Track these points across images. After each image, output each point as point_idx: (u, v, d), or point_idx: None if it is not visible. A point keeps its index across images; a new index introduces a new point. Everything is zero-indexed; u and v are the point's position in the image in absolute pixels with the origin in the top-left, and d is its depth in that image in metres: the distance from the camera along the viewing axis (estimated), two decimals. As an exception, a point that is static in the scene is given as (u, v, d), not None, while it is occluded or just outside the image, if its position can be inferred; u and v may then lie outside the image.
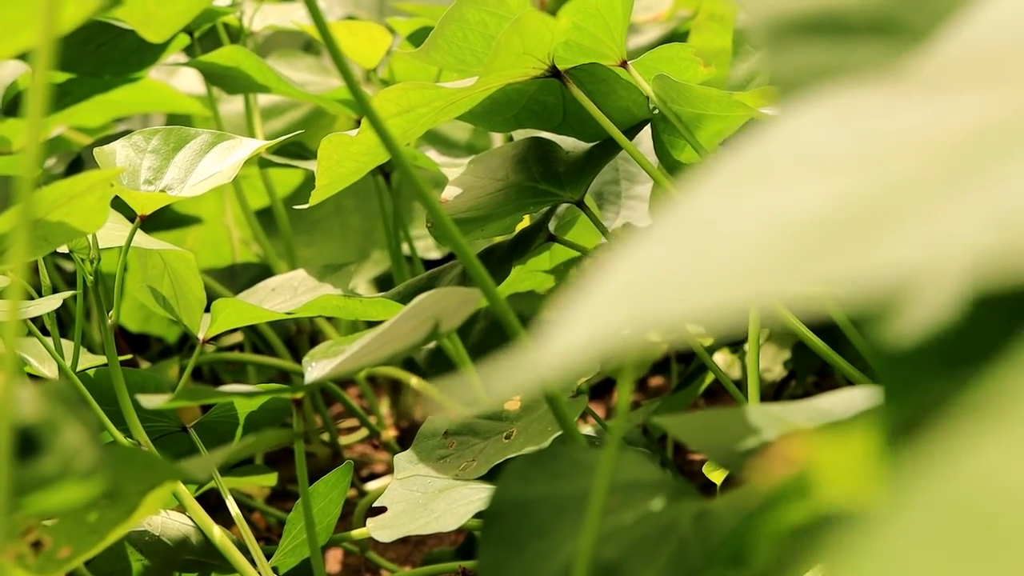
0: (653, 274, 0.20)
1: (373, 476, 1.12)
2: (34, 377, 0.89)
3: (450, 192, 0.88)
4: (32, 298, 0.91)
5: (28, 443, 0.36)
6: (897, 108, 0.23)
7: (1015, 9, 0.26)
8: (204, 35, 1.20)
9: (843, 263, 0.19)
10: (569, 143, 0.90)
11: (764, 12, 0.27)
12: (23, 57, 1.04)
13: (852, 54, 0.27)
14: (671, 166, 0.86)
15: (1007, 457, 0.16)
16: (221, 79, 1.11)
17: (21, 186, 0.39)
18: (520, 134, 0.93)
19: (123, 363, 0.89)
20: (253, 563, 0.74)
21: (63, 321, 1.14)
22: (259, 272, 1.19)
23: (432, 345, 0.93)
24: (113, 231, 0.87)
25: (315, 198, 0.85)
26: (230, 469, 0.97)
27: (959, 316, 0.29)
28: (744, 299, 0.19)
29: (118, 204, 0.88)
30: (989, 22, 0.26)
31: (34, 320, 0.89)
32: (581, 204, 0.86)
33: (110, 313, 0.90)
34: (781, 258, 0.19)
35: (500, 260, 0.88)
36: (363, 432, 1.18)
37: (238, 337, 1.28)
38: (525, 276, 0.97)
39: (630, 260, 0.21)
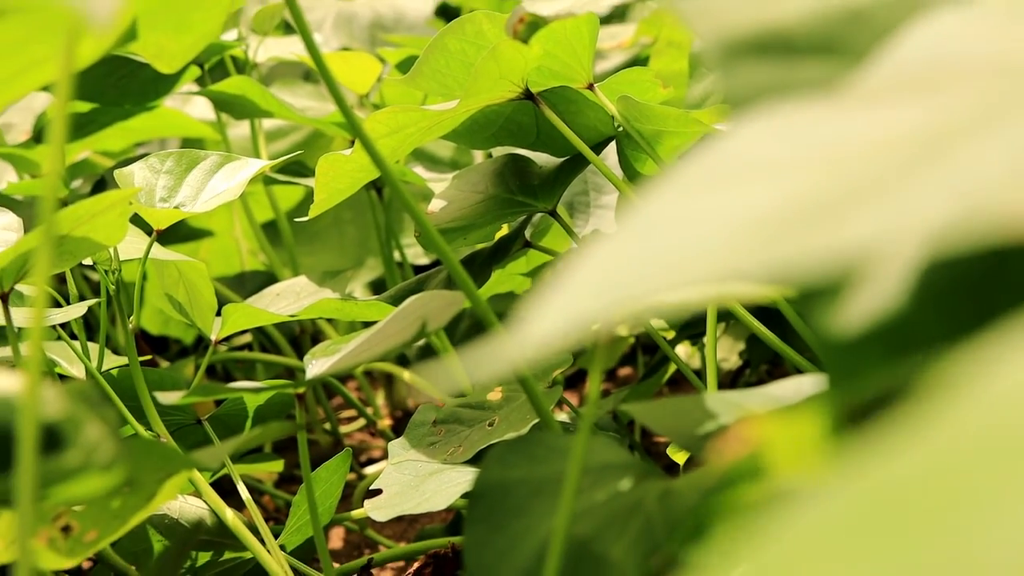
0: (618, 265, 0.20)
1: (371, 461, 1.11)
2: (63, 377, 0.88)
3: (436, 204, 0.88)
4: (61, 305, 0.91)
5: (53, 438, 0.35)
6: (836, 119, 0.23)
7: (942, 30, 0.26)
8: (213, 67, 1.20)
9: (783, 253, 0.19)
10: (542, 158, 0.89)
11: (717, 35, 0.27)
12: (49, 89, 1.03)
13: (797, 73, 0.27)
14: (634, 178, 0.86)
15: (923, 465, 0.15)
16: (229, 106, 1.10)
17: (44, 206, 0.38)
18: (498, 151, 0.93)
19: (143, 363, 0.89)
20: (263, 542, 0.73)
21: (90, 326, 1.13)
22: (265, 279, 1.19)
23: (422, 342, 0.93)
24: (132, 244, 0.86)
25: (314, 211, 0.85)
26: (241, 457, 0.96)
27: (891, 311, 0.28)
28: (698, 282, 0.19)
29: (137, 220, 0.87)
30: (919, 42, 0.26)
31: (63, 325, 0.88)
32: (554, 213, 0.86)
33: (131, 318, 0.90)
34: (732, 248, 0.19)
35: (482, 265, 0.88)
36: (361, 421, 1.17)
37: (247, 338, 1.28)
38: (504, 279, 0.97)
39: (596, 254, 0.20)
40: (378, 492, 0.77)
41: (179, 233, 1.22)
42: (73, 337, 0.88)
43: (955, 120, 0.21)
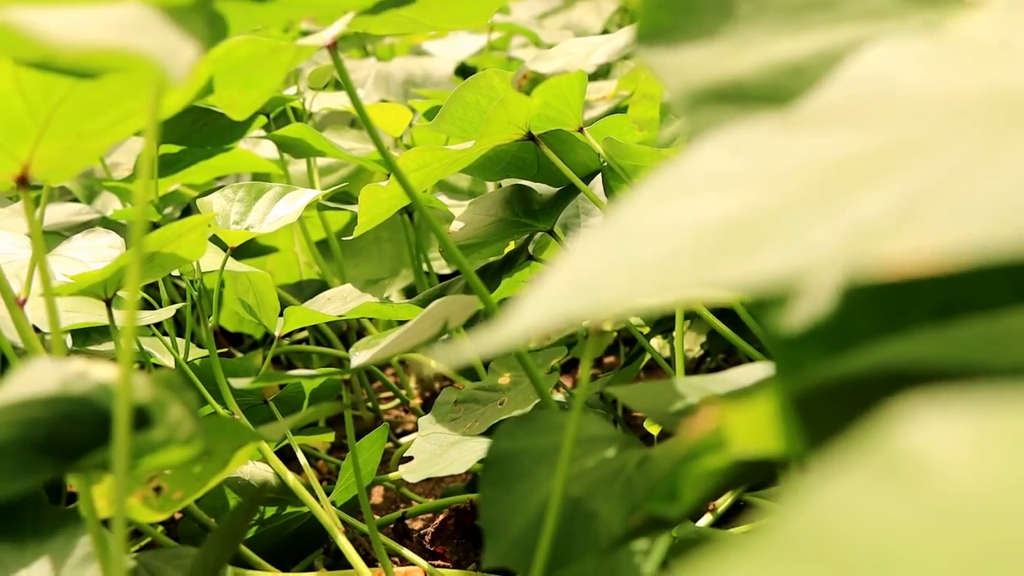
0: (589, 266, 0.19)
1: (405, 433, 1.10)
2: (157, 366, 0.88)
3: (455, 225, 0.88)
4: (155, 308, 0.90)
5: (143, 417, 0.35)
6: (777, 142, 0.22)
7: (864, 70, 0.25)
8: (277, 116, 1.19)
9: (734, 258, 0.18)
10: (542, 188, 0.89)
11: (684, 87, 0.26)
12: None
13: (749, 115, 0.26)
14: (616, 202, 0.86)
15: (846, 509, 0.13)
16: (290, 147, 1.10)
17: (135, 229, 0.38)
18: (506, 182, 0.92)
19: (221, 355, 0.88)
20: (317, 499, 0.73)
21: (179, 324, 1.13)
22: (319, 287, 1.19)
23: (445, 336, 0.92)
24: (212, 259, 0.86)
25: (358, 231, 0.84)
26: (299, 430, 0.95)
27: (831, 311, 0.28)
28: (660, 282, 0.18)
29: (216, 239, 0.87)
30: (846, 80, 0.25)
31: (157, 324, 0.88)
32: (552, 232, 0.86)
33: (211, 318, 0.89)
34: (689, 252, 0.19)
35: (493, 274, 0.87)
36: (396, 401, 1.17)
37: (305, 334, 1.27)
38: (512, 286, 0.96)
39: (571, 258, 0.20)
40: (410, 458, 0.76)
41: (250, 249, 1.21)
42: (165, 334, 0.87)
43: (867, 151, 0.21)
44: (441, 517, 0.84)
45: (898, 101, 0.24)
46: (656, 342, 1.05)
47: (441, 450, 0.76)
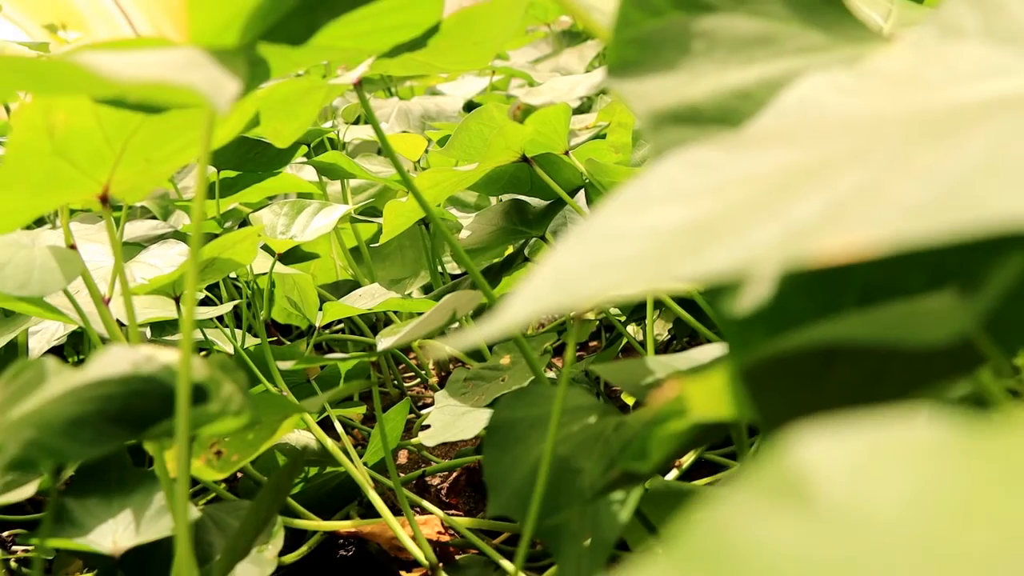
0: (568, 265, 0.19)
1: (424, 406, 1.10)
2: (218, 352, 0.87)
3: (464, 233, 0.87)
4: (215, 304, 0.90)
5: (200, 393, 0.34)
6: (725, 159, 0.22)
7: (797, 97, 0.25)
8: (316, 145, 1.19)
9: (690, 256, 0.18)
10: (535, 201, 0.89)
11: (648, 110, 0.26)
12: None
13: (704, 134, 0.26)
14: (596, 214, 0.85)
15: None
16: (327, 171, 1.09)
17: (192, 240, 0.38)
18: (505, 197, 0.92)
19: (272, 342, 0.88)
20: (352, 460, 0.72)
21: (238, 317, 1.12)
22: (352, 285, 1.18)
23: (455, 325, 0.91)
24: (264, 263, 0.86)
25: (383, 239, 0.84)
26: (336, 404, 0.95)
27: (773, 298, 0.27)
28: (626, 280, 0.18)
29: (266, 247, 0.87)
30: (783, 105, 0.25)
31: (219, 318, 0.87)
32: (543, 238, 0.85)
33: (263, 312, 0.89)
34: (653, 253, 0.18)
35: (495, 273, 0.87)
36: (417, 379, 1.16)
37: (341, 324, 1.26)
38: (511, 283, 0.96)
39: (553, 258, 0.19)
40: (428, 426, 0.76)
41: (295, 255, 1.21)
42: (226, 326, 0.87)
43: (800, 164, 0.20)
44: (454, 474, 0.84)
45: (826, 122, 0.23)
46: (631, 328, 1.04)
47: (454, 419, 0.75)
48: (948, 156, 0.18)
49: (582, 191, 0.87)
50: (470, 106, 1.58)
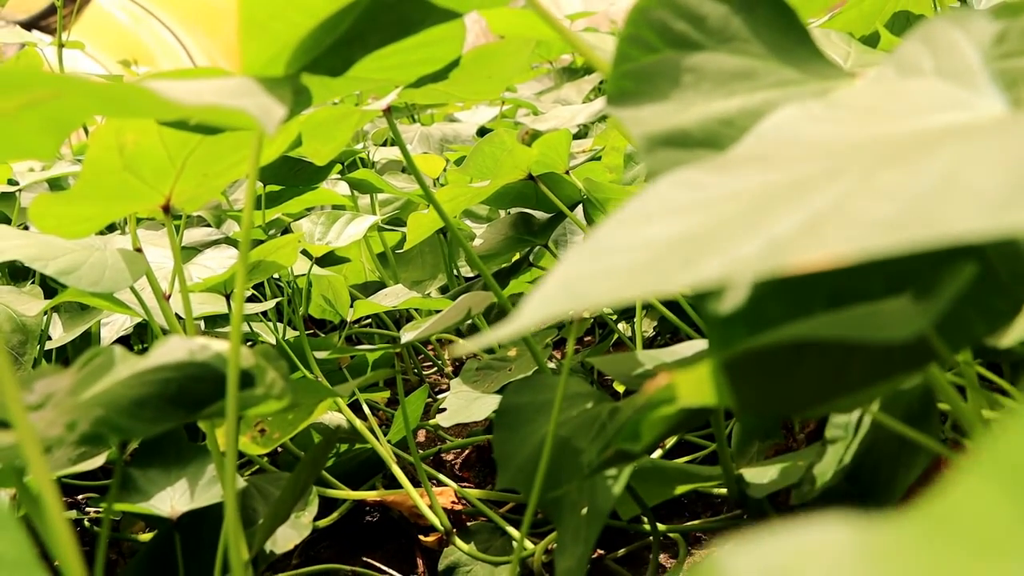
0: (575, 274, 0.18)
1: (441, 391, 1.10)
2: (263, 342, 0.87)
3: (477, 242, 0.87)
4: (260, 301, 0.90)
5: (247, 379, 0.34)
6: (713, 179, 0.21)
7: (775, 125, 0.24)
8: (349, 164, 1.19)
9: (682, 266, 0.18)
10: (539, 214, 0.88)
11: (642, 135, 0.25)
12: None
13: (692, 157, 0.25)
14: (593, 225, 0.85)
15: None
16: (358, 186, 1.09)
17: (241, 246, 0.37)
18: (514, 210, 0.92)
19: (309, 335, 0.88)
20: (378, 439, 0.72)
21: (280, 312, 1.12)
22: (379, 286, 1.18)
23: (469, 321, 0.91)
24: (303, 266, 0.86)
25: (407, 246, 0.84)
26: (364, 389, 0.95)
27: (750, 301, 0.27)
28: (627, 287, 0.17)
29: (305, 252, 0.86)
30: (762, 132, 0.24)
31: (264, 313, 0.87)
32: (546, 246, 0.85)
33: (301, 309, 0.89)
34: (652, 263, 0.18)
35: (504, 276, 0.87)
36: (435, 368, 1.16)
37: (369, 320, 1.26)
38: (518, 285, 0.96)
39: (561, 268, 0.19)
40: (444, 410, 0.76)
41: (330, 259, 1.20)
42: (268, 320, 0.87)
43: (778, 184, 0.20)
44: (467, 452, 0.84)
45: (801, 146, 0.23)
46: (622, 325, 1.04)
47: (467, 403, 0.75)
48: (910, 177, 0.18)
49: (580, 206, 0.87)
50: (483, 131, 1.58)
